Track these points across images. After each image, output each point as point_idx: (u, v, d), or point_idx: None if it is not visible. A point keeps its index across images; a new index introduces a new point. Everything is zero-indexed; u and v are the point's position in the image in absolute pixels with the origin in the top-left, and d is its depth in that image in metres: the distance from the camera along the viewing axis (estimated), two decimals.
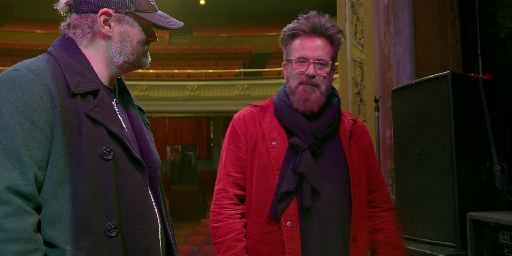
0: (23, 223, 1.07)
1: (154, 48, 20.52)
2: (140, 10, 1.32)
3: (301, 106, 1.75)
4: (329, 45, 1.77)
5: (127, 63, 1.34)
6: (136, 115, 1.43)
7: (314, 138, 1.73)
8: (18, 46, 19.95)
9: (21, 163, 1.11)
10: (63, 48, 1.29)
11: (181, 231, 11.98)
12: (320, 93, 1.74)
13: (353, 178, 1.75)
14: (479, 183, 2.20)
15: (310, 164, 1.70)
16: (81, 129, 1.19)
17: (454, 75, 2.23)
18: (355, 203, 1.73)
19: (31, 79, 1.17)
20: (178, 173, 21.39)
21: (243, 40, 21.61)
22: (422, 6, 3.23)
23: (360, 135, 1.86)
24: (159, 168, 1.40)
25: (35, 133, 1.14)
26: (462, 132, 2.18)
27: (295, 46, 1.77)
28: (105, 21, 1.30)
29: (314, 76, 1.73)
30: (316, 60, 1.73)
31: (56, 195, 1.14)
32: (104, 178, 1.19)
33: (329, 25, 1.77)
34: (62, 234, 1.13)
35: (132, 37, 1.32)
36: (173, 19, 1.39)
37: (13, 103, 1.13)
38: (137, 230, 1.23)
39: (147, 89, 16.86)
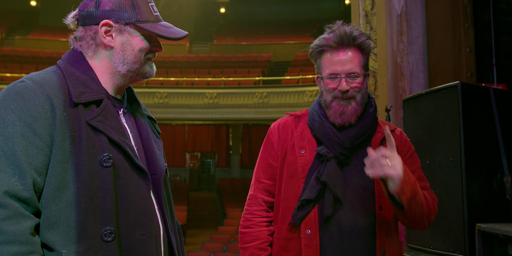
0: (20, 226, 1.13)
1: (175, 56, 20.77)
2: (141, 20, 1.36)
3: (338, 120, 1.74)
4: (359, 54, 1.74)
5: (131, 72, 1.38)
6: (145, 123, 1.47)
7: (341, 147, 1.72)
8: (42, 53, 20.41)
9: (21, 169, 1.17)
10: (70, 61, 1.35)
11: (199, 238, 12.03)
12: (356, 103, 1.72)
13: (379, 188, 1.71)
14: (489, 194, 2.18)
15: (334, 173, 1.70)
16: (81, 137, 1.23)
17: (464, 85, 2.22)
18: (381, 215, 1.69)
19: (34, 90, 1.23)
20: (197, 180, 21.48)
21: (262, 48, 21.71)
22: (435, 15, 3.22)
23: (397, 144, 1.76)
24: (163, 175, 1.43)
25: (35, 141, 1.20)
26: (472, 142, 2.17)
27: (325, 62, 1.75)
28: (107, 31, 1.35)
29: (347, 91, 1.72)
30: (347, 74, 1.71)
31: (55, 200, 1.19)
32: (103, 185, 1.23)
33: (357, 33, 1.74)
34: (59, 238, 1.18)
35: (133, 46, 1.36)
36: (176, 29, 1.42)
37: (15, 113, 1.20)
38: (137, 235, 1.27)
39: (167, 97, 17.03)
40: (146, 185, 1.33)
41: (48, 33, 21.99)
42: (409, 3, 3.29)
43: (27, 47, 20.70)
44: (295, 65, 19.58)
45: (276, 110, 16.41)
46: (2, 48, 20.52)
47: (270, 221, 1.82)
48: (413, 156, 1.85)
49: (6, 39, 21.78)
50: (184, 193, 16.26)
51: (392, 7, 3.34)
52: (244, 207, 1.90)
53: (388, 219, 1.72)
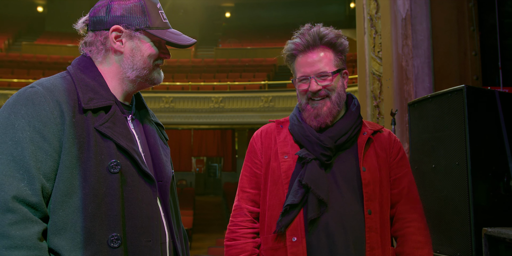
0: (28, 231, 1.13)
1: (180, 60, 20.84)
2: (151, 27, 1.37)
3: (313, 122, 1.73)
4: (330, 53, 1.74)
5: (140, 78, 1.39)
6: (152, 130, 1.48)
7: (322, 148, 1.68)
8: (49, 59, 20.55)
9: (29, 174, 1.17)
10: (80, 67, 1.37)
11: (205, 242, 12.03)
12: (331, 102, 1.72)
13: (367, 191, 1.67)
14: (496, 198, 2.16)
15: (315, 174, 1.66)
16: (90, 143, 1.25)
17: (470, 88, 2.21)
18: (371, 219, 1.64)
19: (44, 96, 1.24)
20: (203, 184, 21.50)
21: (267, 53, 21.74)
22: (440, 19, 3.22)
23: (384, 145, 1.78)
24: (170, 182, 1.43)
25: (44, 146, 1.21)
26: (478, 146, 2.15)
27: (297, 66, 1.77)
28: (117, 37, 1.37)
29: (318, 91, 1.71)
30: (316, 75, 1.71)
31: (62, 205, 1.20)
32: (110, 191, 1.24)
33: (325, 32, 1.73)
34: (66, 243, 1.19)
35: (143, 52, 1.38)
36: (185, 36, 1.44)
37: (25, 118, 1.21)
38: (143, 242, 1.27)
39: (172, 101, 17.09)
40: (153, 192, 1.33)
41: (55, 39, 22.14)
42: (413, 7, 3.28)
43: (34, 53, 20.84)
44: None
45: (282, 114, 16.42)
46: (9, 53, 20.68)
47: (256, 232, 1.77)
48: (403, 158, 1.81)
49: (13, 45, 21.95)
50: (190, 197, 16.27)
51: (397, 11, 3.34)
52: None
53: (379, 224, 1.66)
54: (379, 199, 1.70)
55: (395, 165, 1.79)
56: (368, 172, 1.69)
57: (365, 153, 1.73)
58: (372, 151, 1.75)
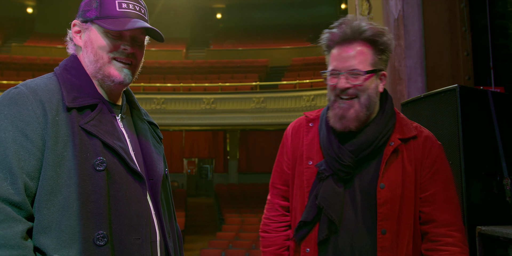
0: (11, 230, 1.13)
1: (171, 62, 20.79)
2: (100, 16, 1.34)
3: (337, 124, 1.59)
4: (368, 50, 1.57)
5: (98, 73, 1.35)
6: (144, 129, 1.47)
7: (339, 164, 1.57)
8: (39, 60, 20.40)
9: (12, 174, 1.17)
10: (67, 67, 1.37)
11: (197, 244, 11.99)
12: (360, 105, 1.56)
13: (382, 211, 1.54)
14: (489, 196, 2.18)
15: (330, 193, 1.57)
16: (74, 141, 1.24)
17: (463, 88, 2.23)
18: (384, 239, 1.54)
19: (27, 96, 1.25)
20: (195, 186, 21.44)
21: (259, 53, 21.76)
22: (432, 19, 3.24)
23: (415, 156, 1.60)
24: (161, 180, 1.42)
25: (27, 145, 1.21)
26: (471, 145, 2.17)
27: (331, 58, 1.62)
28: (77, 32, 1.39)
29: (347, 89, 1.56)
30: (348, 71, 1.56)
31: (47, 204, 1.20)
32: (96, 189, 1.23)
33: (366, 27, 1.57)
34: (51, 242, 1.18)
35: (93, 43, 1.35)
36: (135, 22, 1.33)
37: (8, 118, 1.22)
38: (131, 240, 1.26)
39: (164, 103, 17.04)
40: (142, 190, 1.32)
41: (45, 40, 21.99)
42: (406, 8, 3.30)
43: (24, 54, 20.69)
44: (292, 70, 19.63)
45: (273, 115, 16.43)
46: None
47: (288, 225, 1.77)
48: (439, 172, 1.60)
49: (3, 47, 21.77)
50: (181, 199, 16.21)
51: (389, 12, 3.36)
52: (241, 213, 1.89)
53: (396, 244, 1.54)
54: (398, 217, 1.56)
55: (426, 181, 1.61)
56: (386, 190, 1.55)
57: (388, 167, 1.57)
58: (398, 163, 1.58)
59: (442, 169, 1.61)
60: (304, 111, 1.81)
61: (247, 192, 17.09)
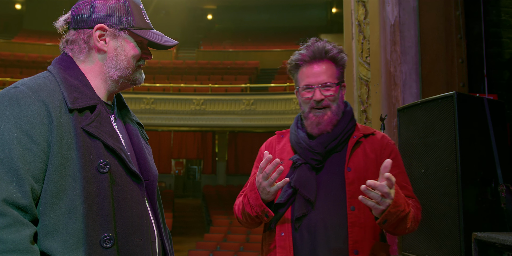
0: (20, 234, 1.11)
1: (162, 62, 20.71)
2: (135, 26, 1.37)
3: (315, 130, 1.86)
4: (332, 66, 1.88)
5: (122, 78, 1.38)
6: (135, 129, 1.47)
7: (312, 153, 1.83)
8: (27, 58, 20.18)
9: (18, 177, 1.15)
10: (62, 66, 1.34)
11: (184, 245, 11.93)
12: (331, 112, 1.85)
13: (350, 189, 1.78)
14: (484, 203, 2.21)
15: (304, 177, 1.80)
16: (78, 143, 1.23)
17: (460, 95, 2.26)
18: (354, 215, 1.75)
19: (29, 96, 1.22)
20: (182, 186, 21.36)
21: (249, 56, 21.77)
22: (428, 26, 3.27)
23: (375, 147, 1.88)
24: (157, 181, 1.43)
25: (32, 147, 1.18)
26: (468, 152, 2.19)
27: (301, 75, 1.89)
28: (101, 36, 1.35)
29: (321, 100, 1.84)
30: (320, 85, 1.84)
31: (52, 207, 1.18)
32: (100, 191, 1.23)
33: (329, 47, 1.87)
34: (59, 245, 1.16)
35: (126, 52, 1.37)
36: (167, 37, 1.44)
37: (11, 119, 1.18)
38: (134, 241, 1.27)
39: (153, 103, 16.96)
40: (141, 191, 1.33)
41: (33, 37, 21.77)
42: (402, 14, 3.33)
43: (12, 51, 20.44)
44: (282, 73, 19.65)
45: (263, 117, 16.44)
46: None
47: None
48: (396, 160, 1.88)
49: None
50: (169, 199, 16.13)
51: (386, 17, 3.38)
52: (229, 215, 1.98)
53: (363, 220, 1.76)
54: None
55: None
56: (353, 172, 1.80)
57: (352, 155, 1.84)
58: (361, 152, 1.86)
59: (397, 159, 1.89)
60: (294, 114, 2.02)
61: (235, 194, 16.96)
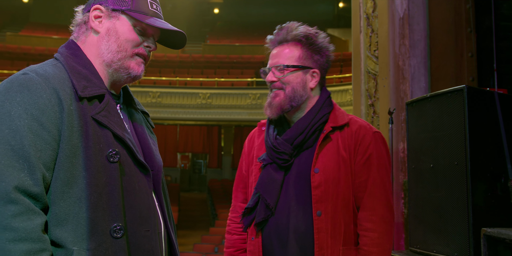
0: (31, 222, 1.09)
1: (168, 55, 20.69)
2: (133, 10, 1.33)
3: (267, 112, 1.77)
4: (297, 49, 1.77)
5: (115, 63, 1.33)
6: (139, 119, 1.46)
7: (275, 152, 1.72)
8: (34, 51, 20.22)
9: (30, 164, 1.13)
10: (69, 54, 1.32)
11: (190, 239, 11.97)
12: (285, 95, 1.74)
13: (316, 193, 1.66)
14: (493, 198, 2.18)
15: (266, 179, 1.71)
16: (88, 131, 1.21)
17: (470, 89, 2.22)
18: (320, 220, 1.64)
19: (40, 83, 1.19)
20: (188, 180, 21.41)
21: (256, 50, 21.69)
22: (438, 19, 3.23)
23: (349, 142, 1.72)
24: (162, 171, 1.41)
25: (43, 134, 1.16)
26: (477, 146, 2.16)
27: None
28: (97, 17, 1.34)
29: (272, 81, 1.77)
30: (274, 66, 1.77)
31: (63, 196, 1.17)
32: (110, 180, 1.21)
33: (298, 29, 1.79)
34: (69, 235, 1.15)
35: (119, 34, 1.33)
36: (170, 25, 1.38)
37: (22, 106, 1.16)
38: (142, 232, 1.25)
39: (159, 96, 16.97)
40: (148, 182, 1.31)
41: (40, 30, 21.80)
42: (411, 7, 3.29)
43: (18, 44, 20.48)
44: None
45: None
46: None
47: None
48: (371, 158, 1.71)
49: None
50: (175, 193, 16.19)
51: (395, 10, 3.34)
52: None
53: (330, 225, 1.65)
54: (334, 200, 1.67)
55: (359, 167, 1.72)
56: (321, 174, 1.67)
57: (321, 153, 1.70)
58: (333, 150, 1.71)
59: (376, 156, 1.72)
60: None
61: None
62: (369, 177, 1.70)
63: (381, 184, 1.72)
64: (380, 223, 1.67)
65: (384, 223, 1.69)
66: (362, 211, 1.70)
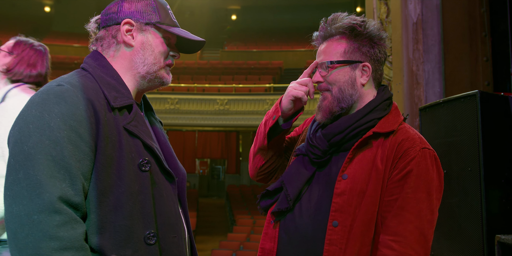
0: (75, 232, 1.13)
1: (186, 62, 20.88)
2: (161, 22, 1.38)
3: (317, 116, 1.59)
4: (342, 42, 1.55)
5: (150, 74, 1.37)
6: (160, 128, 1.49)
7: (309, 145, 1.57)
8: (55, 59, 20.56)
9: (71, 174, 1.16)
10: (97, 65, 1.35)
11: (208, 244, 12.00)
12: (332, 96, 1.55)
13: (337, 201, 1.46)
14: (508, 205, 2.15)
15: (293, 171, 1.57)
16: (121, 141, 1.25)
17: (483, 94, 2.20)
18: (334, 232, 1.44)
19: (75, 94, 1.22)
20: (207, 186, 21.48)
21: (273, 55, 21.75)
22: (451, 24, 3.21)
23: (388, 154, 1.47)
24: (186, 179, 1.44)
25: (81, 145, 1.19)
26: (491, 152, 2.14)
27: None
28: (128, 30, 1.36)
29: (318, 82, 1.59)
30: (320, 65, 1.59)
31: (100, 204, 1.20)
32: (142, 189, 1.25)
33: (342, 20, 1.55)
34: (107, 242, 1.18)
35: (154, 47, 1.37)
36: (193, 35, 1.45)
37: (60, 117, 1.19)
38: (170, 238, 1.29)
39: (178, 103, 17.10)
40: (173, 189, 1.34)
41: (61, 39, 22.22)
42: (425, 12, 3.27)
43: None
44: None
45: None
46: None
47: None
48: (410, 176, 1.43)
49: None
50: (193, 199, 16.26)
51: (408, 15, 3.33)
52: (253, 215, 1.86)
53: (345, 239, 1.43)
54: (355, 213, 1.45)
55: (393, 183, 1.46)
56: (348, 181, 1.47)
57: (355, 159, 1.49)
58: (368, 158, 1.49)
59: (416, 174, 1.43)
60: None
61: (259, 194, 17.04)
62: (400, 197, 1.42)
63: (415, 208, 1.41)
64: (400, 254, 1.38)
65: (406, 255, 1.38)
66: (383, 234, 1.43)
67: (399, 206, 1.41)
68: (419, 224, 1.40)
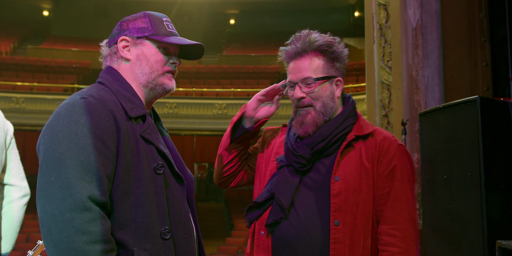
0: (103, 227, 1.27)
1: (184, 66, 20.87)
2: (154, 34, 1.51)
3: (299, 131, 1.70)
4: (319, 59, 1.70)
5: (150, 83, 1.51)
6: (168, 136, 1.63)
7: (294, 155, 1.68)
8: (54, 63, 20.59)
9: (97, 177, 1.30)
10: (112, 79, 1.50)
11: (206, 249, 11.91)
12: (315, 111, 1.68)
13: (335, 202, 1.59)
14: (509, 210, 2.15)
15: (282, 181, 1.67)
16: (139, 147, 1.40)
17: (483, 99, 2.20)
18: (338, 230, 1.57)
19: (98, 106, 1.37)
20: (205, 190, 21.44)
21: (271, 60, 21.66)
22: (451, 29, 3.22)
23: (372, 153, 1.66)
24: (193, 182, 1.58)
25: (105, 151, 1.34)
26: (491, 157, 2.14)
27: (288, 72, 1.76)
28: (124, 46, 1.51)
29: (301, 98, 1.69)
30: (300, 81, 1.69)
31: (122, 204, 1.35)
32: (157, 190, 1.40)
33: (316, 39, 1.70)
34: (129, 237, 1.34)
35: (148, 57, 1.50)
36: (189, 40, 1.55)
37: (86, 126, 1.33)
38: (181, 234, 1.44)
39: (176, 107, 17.10)
40: (182, 191, 1.49)
41: (60, 43, 22.20)
42: (424, 17, 3.29)
43: (39, 57, 20.87)
44: None
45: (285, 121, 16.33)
46: (14, 57, 20.73)
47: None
48: (395, 171, 1.65)
49: (19, 48, 22.01)
50: None
51: (408, 21, 3.34)
52: None
53: (349, 236, 1.57)
54: (353, 210, 1.60)
55: (382, 179, 1.66)
56: (341, 182, 1.62)
57: (343, 161, 1.65)
58: (355, 159, 1.65)
59: (400, 168, 1.66)
60: None
61: None
62: (392, 189, 1.63)
63: (404, 197, 1.64)
64: (402, 238, 1.60)
65: (407, 238, 1.61)
66: (382, 224, 1.63)
67: (392, 198, 1.63)
68: (410, 211, 1.65)
